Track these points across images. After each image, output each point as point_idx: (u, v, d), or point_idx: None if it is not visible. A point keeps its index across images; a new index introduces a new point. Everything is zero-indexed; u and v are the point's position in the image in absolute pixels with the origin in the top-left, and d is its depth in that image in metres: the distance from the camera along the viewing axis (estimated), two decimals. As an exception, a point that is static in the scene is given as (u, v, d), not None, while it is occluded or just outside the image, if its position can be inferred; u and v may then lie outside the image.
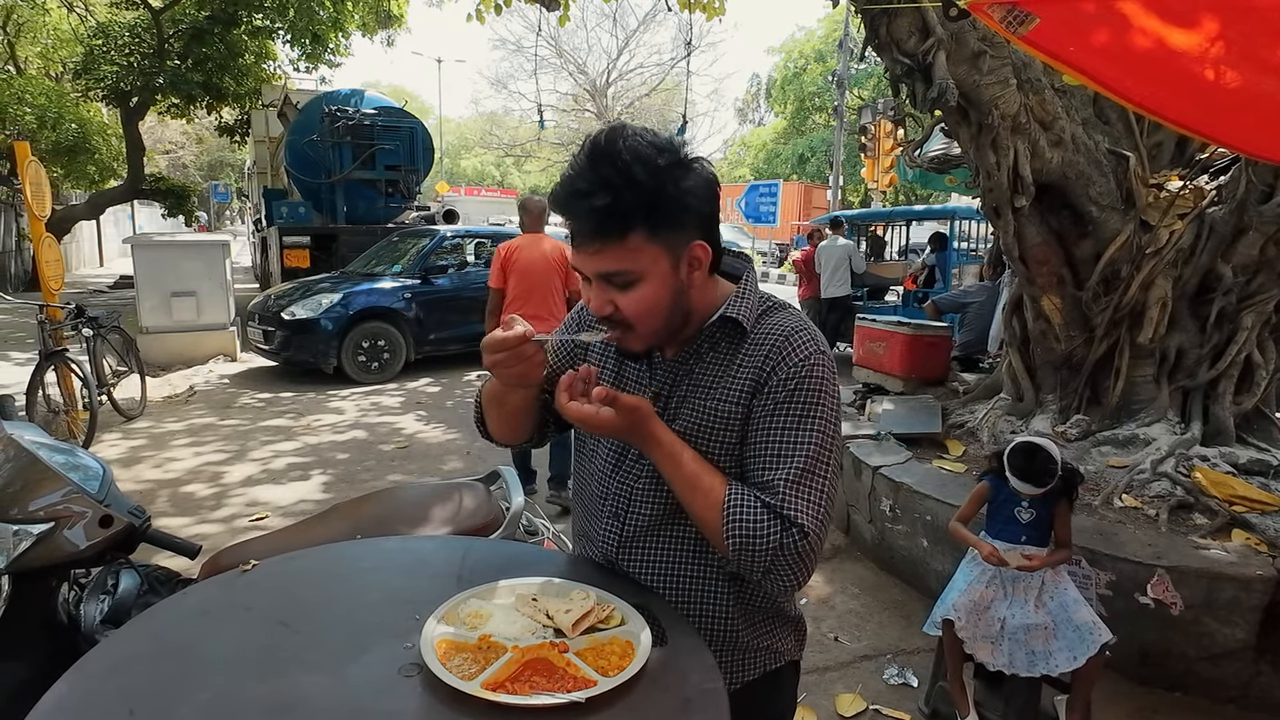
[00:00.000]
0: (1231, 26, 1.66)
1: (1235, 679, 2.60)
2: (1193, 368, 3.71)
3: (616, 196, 0.97)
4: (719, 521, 1.01)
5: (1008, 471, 2.27)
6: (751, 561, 1.00)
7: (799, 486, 1.02)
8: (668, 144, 1.02)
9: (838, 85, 20.66)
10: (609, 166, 0.98)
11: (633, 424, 1.02)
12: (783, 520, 1.00)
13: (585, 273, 1.06)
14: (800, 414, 1.05)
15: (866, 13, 3.50)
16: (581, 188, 0.98)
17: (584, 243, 1.02)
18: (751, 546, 0.99)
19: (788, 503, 1.01)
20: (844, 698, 2.60)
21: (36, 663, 1.49)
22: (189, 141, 29.77)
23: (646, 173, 0.98)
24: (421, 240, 8.54)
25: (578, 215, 1.00)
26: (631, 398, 1.02)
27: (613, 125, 1.02)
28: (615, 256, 1.01)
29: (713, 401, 1.10)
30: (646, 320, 1.05)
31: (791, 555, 0.99)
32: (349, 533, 1.68)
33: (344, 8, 12.68)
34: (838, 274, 8.35)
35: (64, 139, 13.22)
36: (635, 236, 1.00)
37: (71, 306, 5.52)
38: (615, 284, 1.03)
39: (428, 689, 0.85)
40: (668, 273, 1.04)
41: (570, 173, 1.01)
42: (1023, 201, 3.64)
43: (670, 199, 1.00)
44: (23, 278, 15.25)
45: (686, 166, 1.02)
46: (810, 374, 1.06)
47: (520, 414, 1.21)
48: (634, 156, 0.98)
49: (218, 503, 4.34)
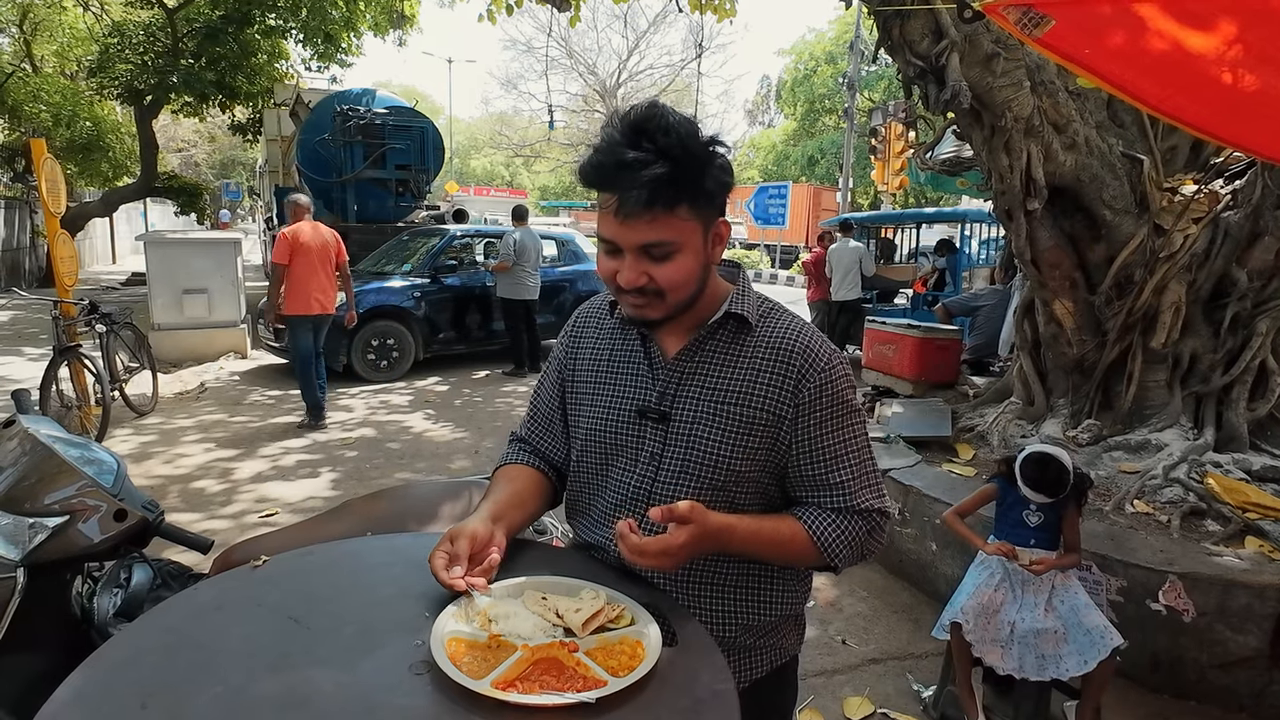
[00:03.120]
0: (1250, 29, 1.64)
1: (1248, 687, 2.57)
2: (1206, 373, 3.68)
3: (674, 166, 0.99)
4: (817, 554, 1.11)
5: (1019, 480, 2.26)
6: (855, 559, 1.13)
7: (859, 479, 1.13)
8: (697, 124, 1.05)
9: (848, 87, 20.60)
10: (664, 137, 0.99)
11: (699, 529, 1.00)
12: (861, 515, 1.12)
13: (624, 243, 1.05)
14: (843, 417, 1.13)
15: (879, 14, 3.49)
16: (636, 158, 0.99)
17: (634, 213, 1.01)
18: (853, 553, 1.12)
19: (859, 497, 1.12)
20: (851, 701, 2.60)
21: (51, 655, 1.50)
22: (201, 140, 29.95)
23: (698, 146, 1.01)
24: (431, 239, 8.57)
25: (629, 185, 1.00)
26: (681, 505, 0.99)
27: (649, 101, 1.04)
28: (663, 227, 1.02)
29: (733, 407, 1.11)
30: (677, 291, 1.07)
31: (879, 534, 1.15)
32: (361, 529, 1.68)
33: (356, 8, 12.74)
34: (848, 277, 8.33)
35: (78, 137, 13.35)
36: (683, 208, 1.03)
37: (85, 303, 5.57)
38: (654, 255, 1.04)
39: (438, 687, 0.85)
40: (700, 247, 1.07)
41: (613, 145, 1.01)
42: (1035, 204, 3.62)
43: (711, 175, 1.04)
44: (37, 274, 15.38)
45: (720, 145, 1.06)
46: (836, 376, 1.12)
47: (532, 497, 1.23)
48: (686, 131, 1.01)
49: (228, 499, 4.36)
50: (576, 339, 1.28)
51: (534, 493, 1.23)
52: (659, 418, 1.14)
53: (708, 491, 1.12)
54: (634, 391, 1.17)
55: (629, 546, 0.99)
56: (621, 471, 1.17)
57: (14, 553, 1.47)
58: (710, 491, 1.12)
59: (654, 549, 0.98)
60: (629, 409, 1.17)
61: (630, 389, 1.17)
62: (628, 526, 1.00)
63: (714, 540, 1.03)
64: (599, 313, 1.28)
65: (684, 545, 0.99)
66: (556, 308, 8.57)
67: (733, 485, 1.12)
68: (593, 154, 1.03)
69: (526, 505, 1.20)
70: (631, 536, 0.99)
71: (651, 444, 1.15)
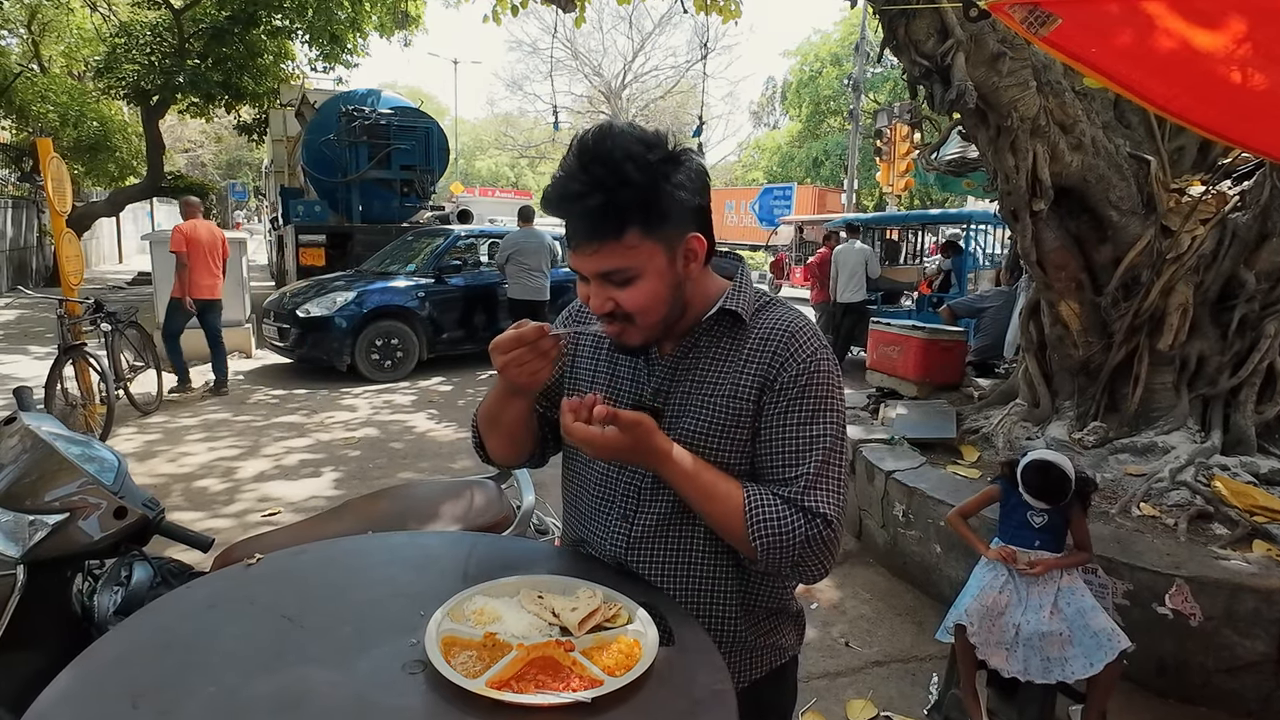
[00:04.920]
0: (1259, 28, 1.62)
1: (1255, 692, 2.55)
2: (1213, 375, 3.65)
3: (610, 196, 0.97)
4: (742, 526, 1.03)
5: (1021, 487, 2.24)
6: (780, 557, 1.03)
7: (818, 479, 1.05)
8: (656, 139, 1.01)
9: (853, 89, 20.58)
10: (600, 166, 0.98)
11: (635, 440, 1.00)
12: (805, 513, 1.03)
13: (584, 272, 1.05)
14: (814, 409, 1.07)
15: (885, 14, 3.47)
16: (575, 189, 0.98)
17: (581, 243, 1.01)
18: (780, 544, 1.02)
19: (809, 496, 1.04)
20: (855, 703, 2.58)
21: (51, 652, 1.49)
22: (208, 140, 30.07)
23: (638, 170, 0.98)
24: (435, 240, 8.58)
25: (572, 217, 1.00)
26: (631, 413, 0.99)
27: (600, 125, 1.02)
28: (613, 255, 1.01)
29: (720, 399, 1.10)
30: (647, 314, 1.05)
31: (818, 545, 1.03)
32: (361, 529, 1.68)
33: (362, 8, 12.78)
34: (854, 279, 8.29)
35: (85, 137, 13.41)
36: (631, 234, 1.00)
37: (90, 302, 5.59)
38: (614, 281, 1.03)
39: (432, 686, 0.84)
40: (665, 267, 1.04)
41: (562, 175, 1.01)
42: (1041, 205, 3.60)
43: (663, 194, 1.00)
44: (43, 273, 15.46)
45: (677, 160, 1.02)
46: (818, 369, 1.08)
47: (518, 430, 1.20)
48: (624, 155, 0.97)
49: (230, 498, 4.37)
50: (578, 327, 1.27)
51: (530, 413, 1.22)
52: (652, 413, 1.13)
53: None
54: (629, 386, 1.16)
55: (564, 425, 1.00)
56: (612, 466, 1.17)
57: (14, 550, 1.47)
58: None
59: (582, 435, 0.99)
60: (623, 403, 1.16)
61: (626, 383, 1.17)
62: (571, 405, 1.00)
63: (647, 457, 1.03)
64: None
65: (614, 447, 0.99)
66: (560, 308, 8.55)
67: None
68: (550, 181, 1.03)
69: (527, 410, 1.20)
70: (568, 415, 1.00)
71: None
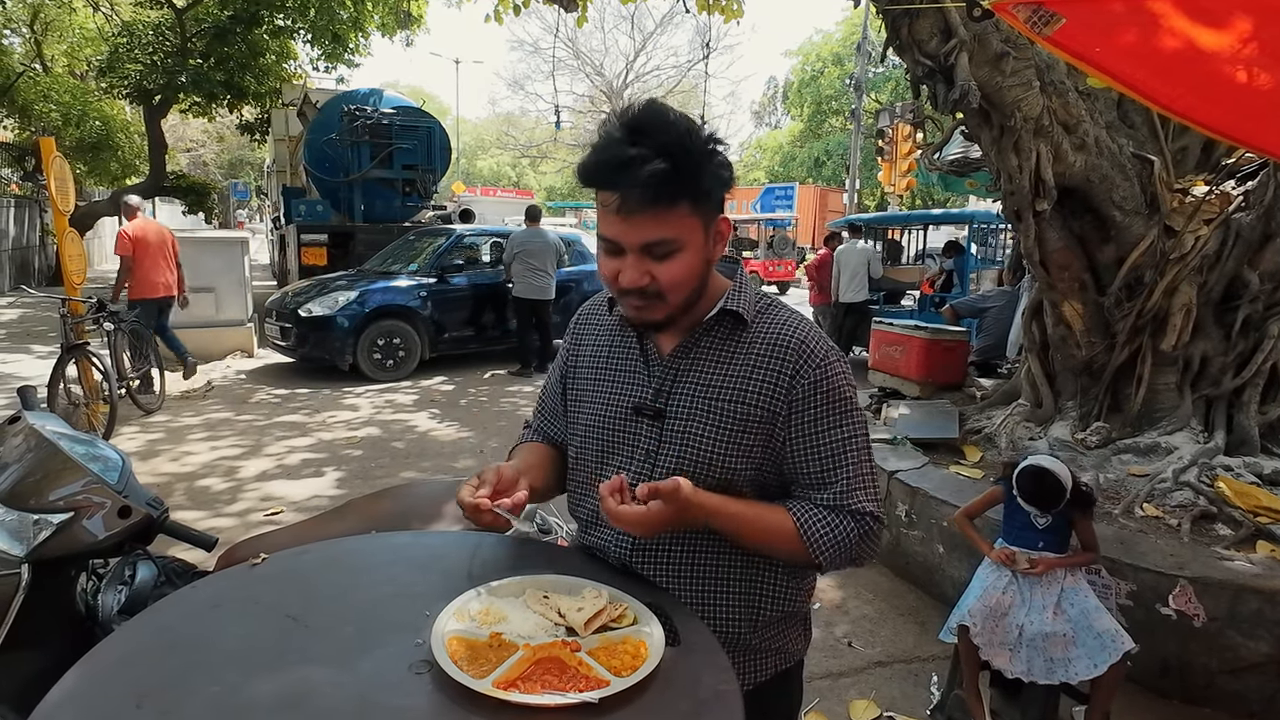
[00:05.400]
0: (1264, 27, 1.61)
1: (1258, 693, 2.54)
2: (1217, 376, 3.64)
3: (674, 163, 0.98)
4: (802, 548, 1.08)
5: (1015, 492, 2.24)
6: (842, 562, 1.09)
7: (857, 479, 1.10)
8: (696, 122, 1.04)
9: (855, 89, 20.55)
10: (663, 134, 0.98)
11: (680, 505, 1.00)
12: (854, 515, 1.09)
13: (626, 242, 1.04)
14: (838, 413, 1.10)
15: (888, 13, 3.46)
16: (637, 154, 0.98)
17: (634, 209, 1.00)
18: (840, 552, 1.08)
19: (853, 498, 1.09)
20: (858, 704, 2.58)
21: (55, 652, 1.49)
22: (210, 140, 30.05)
23: (697, 143, 1.00)
24: (437, 239, 8.58)
25: (629, 183, 0.99)
26: (666, 483, 1.00)
27: (647, 100, 1.04)
28: (664, 224, 1.01)
29: (725, 402, 1.10)
30: (679, 290, 1.07)
31: (872, 539, 1.11)
32: (364, 528, 1.68)
33: (364, 8, 12.80)
34: (856, 279, 8.28)
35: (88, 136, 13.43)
36: (683, 205, 1.02)
37: (93, 301, 5.59)
38: (655, 254, 1.03)
39: (438, 686, 0.84)
40: (702, 244, 1.06)
41: (613, 142, 1.00)
42: (1044, 205, 3.59)
43: (711, 172, 1.02)
44: (46, 272, 15.49)
45: (719, 142, 1.05)
46: (832, 371, 1.10)
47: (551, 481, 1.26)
48: (685, 128, 1.00)
49: (233, 497, 4.37)
50: (578, 336, 1.30)
51: (551, 463, 1.27)
52: (654, 415, 1.14)
53: (703, 489, 1.11)
54: (630, 388, 1.17)
55: (607, 509, 1.01)
56: (617, 469, 1.17)
57: (18, 549, 1.47)
58: (706, 489, 1.11)
59: (629, 518, 0.99)
60: (625, 406, 1.16)
61: (627, 386, 1.17)
62: (609, 488, 1.01)
63: (694, 518, 1.04)
64: (599, 310, 1.29)
65: (663, 520, 1.00)
66: (563, 307, 8.56)
67: (730, 482, 1.12)
68: (592, 152, 1.02)
69: (546, 469, 1.25)
70: (610, 500, 1.00)
71: (647, 441, 1.14)
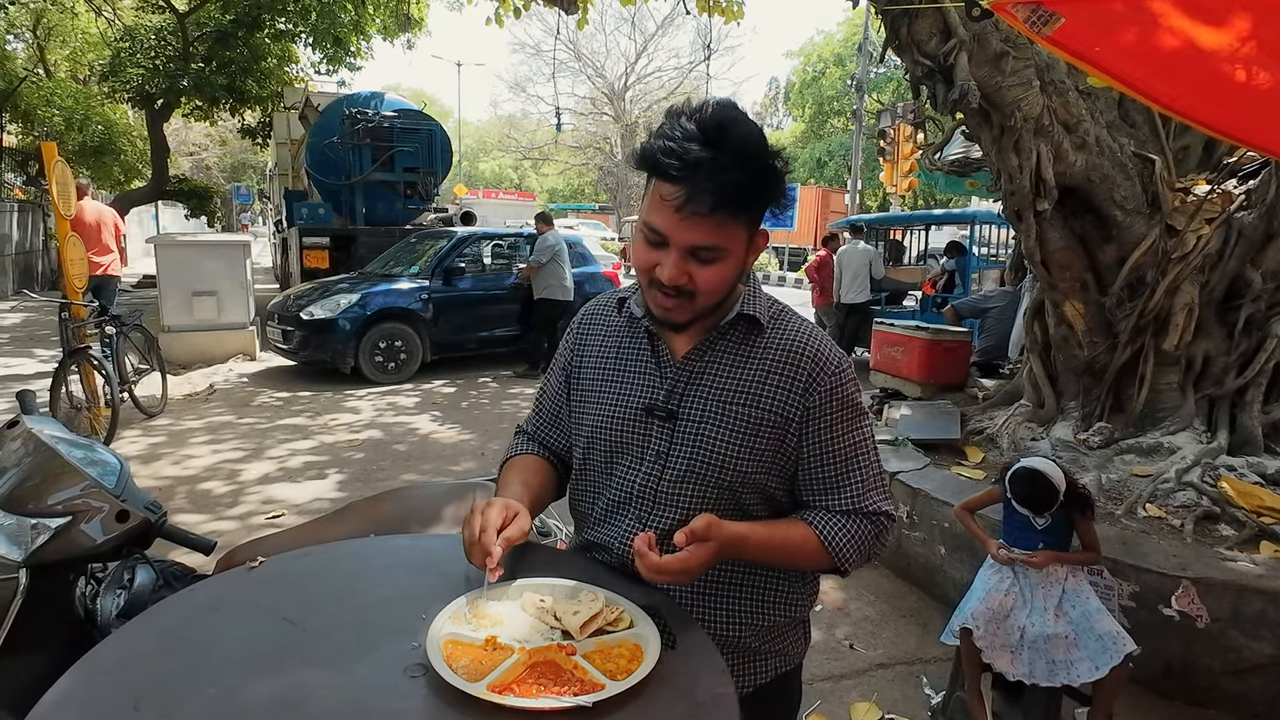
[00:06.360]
0: (1264, 26, 1.61)
1: (1261, 694, 2.53)
2: (1220, 375, 3.63)
3: (750, 177, 0.98)
4: (827, 558, 1.10)
5: (1008, 494, 2.23)
6: (862, 563, 1.13)
7: (869, 481, 1.14)
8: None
9: (856, 89, 20.55)
10: (746, 145, 0.98)
11: (718, 544, 1.00)
12: (869, 517, 1.12)
13: (676, 239, 1.01)
14: (851, 420, 1.13)
15: (887, 14, 3.46)
16: (716, 158, 0.96)
17: (698, 212, 0.98)
18: (862, 554, 1.12)
19: (868, 500, 1.12)
20: (859, 706, 2.57)
21: (53, 655, 1.49)
22: (212, 144, 30.14)
23: (770, 159, 1.01)
24: (439, 242, 8.59)
25: (701, 184, 0.97)
26: (697, 521, 0.99)
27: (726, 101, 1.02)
28: (718, 231, 1.01)
29: (739, 406, 1.10)
30: (712, 295, 1.07)
31: (886, 537, 1.15)
32: (363, 531, 1.68)
33: (365, 11, 12.83)
34: (858, 279, 8.27)
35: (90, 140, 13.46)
36: (742, 217, 1.02)
37: (95, 305, 5.60)
38: (700, 258, 1.03)
39: (433, 690, 0.84)
40: (742, 255, 1.07)
41: (691, 138, 0.97)
42: (1045, 205, 3.59)
43: (772, 189, 1.03)
44: (48, 276, 15.51)
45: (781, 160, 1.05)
46: (845, 380, 1.12)
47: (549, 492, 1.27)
48: (764, 144, 1.01)
49: (234, 500, 4.38)
50: (582, 337, 1.27)
51: (545, 480, 1.26)
52: (666, 416, 1.13)
53: (713, 491, 1.11)
54: (641, 389, 1.16)
55: (648, 565, 0.98)
56: (626, 470, 1.16)
57: (17, 553, 1.47)
58: (716, 492, 1.11)
59: (674, 568, 0.98)
60: (636, 407, 1.15)
61: (637, 387, 1.16)
62: (646, 543, 0.99)
63: (729, 552, 1.03)
64: (605, 311, 1.27)
65: (703, 563, 0.99)
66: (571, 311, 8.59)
67: (739, 487, 1.11)
68: (664, 141, 0.98)
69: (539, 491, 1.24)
70: (651, 555, 0.98)
71: (658, 442, 1.14)
